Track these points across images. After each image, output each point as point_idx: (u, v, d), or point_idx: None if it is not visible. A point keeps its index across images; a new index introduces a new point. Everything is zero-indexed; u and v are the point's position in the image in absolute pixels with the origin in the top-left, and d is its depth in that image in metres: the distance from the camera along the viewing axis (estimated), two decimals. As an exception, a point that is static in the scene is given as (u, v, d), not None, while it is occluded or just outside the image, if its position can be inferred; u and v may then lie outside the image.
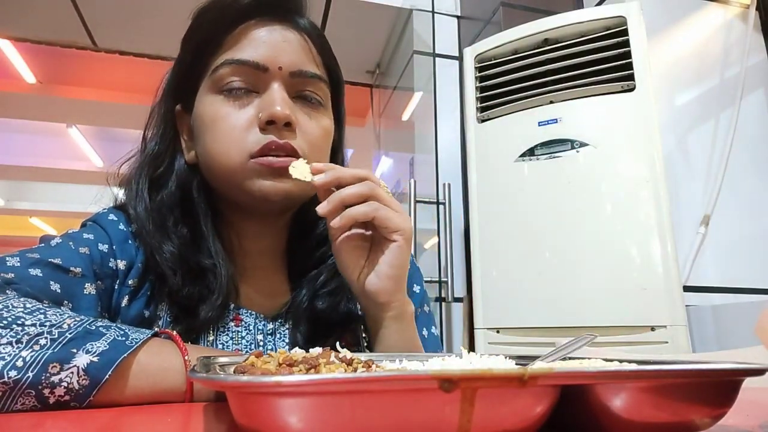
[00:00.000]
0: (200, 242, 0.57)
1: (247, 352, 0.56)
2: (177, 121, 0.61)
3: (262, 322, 0.59)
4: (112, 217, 0.58)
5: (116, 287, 0.53)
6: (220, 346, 0.55)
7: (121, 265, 0.54)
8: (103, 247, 0.54)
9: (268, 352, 0.36)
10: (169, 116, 0.60)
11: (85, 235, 0.54)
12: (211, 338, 0.55)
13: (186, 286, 0.54)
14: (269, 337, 0.59)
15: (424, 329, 0.70)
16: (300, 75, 0.56)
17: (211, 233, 0.57)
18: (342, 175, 0.49)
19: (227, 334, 0.56)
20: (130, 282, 0.54)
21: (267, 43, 0.55)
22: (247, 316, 0.59)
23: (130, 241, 0.56)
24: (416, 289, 0.71)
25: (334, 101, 0.63)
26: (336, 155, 0.65)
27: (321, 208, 0.48)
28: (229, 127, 0.54)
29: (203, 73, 0.57)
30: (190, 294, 0.54)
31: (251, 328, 0.58)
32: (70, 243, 0.52)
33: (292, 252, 0.64)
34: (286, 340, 0.59)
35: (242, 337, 0.57)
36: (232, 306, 0.58)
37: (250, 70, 0.54)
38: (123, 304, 0.53)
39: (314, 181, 0.48)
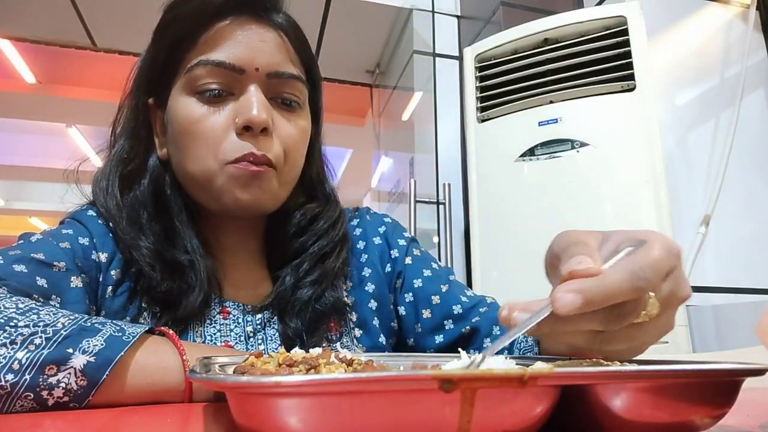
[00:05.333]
0: (175, 238, 0.56)
1: (237, 344, 0.56)
2: (150, 115, 0.60)
3: (250, 315, 0.59)
4: (91, 213, 0.58)
5: (100, 279, 0.53)
6: (208, 338, 0.55)
7: (103, 257, 0.54)
8: (84, 241, 0.54)
9: (269, 352, 0.36)
10: (141, 110, 0.59)
11: (65, 231, 0.54)
12: (199, 330, 0.55)
13: (165, 281, 0.53)
14: (259, 329, 0.58)
15: (424, 269, 0.67)
16: (277, 76, 0.55)
17: (186, 229, 0.56)
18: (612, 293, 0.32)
19: (215, 327, 0.56)
20: (113, 273, 0.54)
21: (243, 43, 0.54)
22: (234, 308, 0.58)
23: (110, 235, 0.56)
24: (401, 243, 0.70)
25: (311, 97, 0.62)
26: (312, 151, 0.64)
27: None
28: (205, 132, 0.53)
29: (177, 70, 0.56)
30: (169, 289, 0.53)
31: (240, 320, 0.58)
32: (51, 239, 0.52)
33: (270, 243, 0.64)
34: (277, 332, 0.59)
35: (231, 330, 0.57)
36: (217, 299, 0.58)
37: (226, 71, 0.53)
38: (108, 296, 0.53)
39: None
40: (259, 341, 0.57)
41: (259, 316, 0.59)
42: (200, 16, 0.54)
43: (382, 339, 0.65)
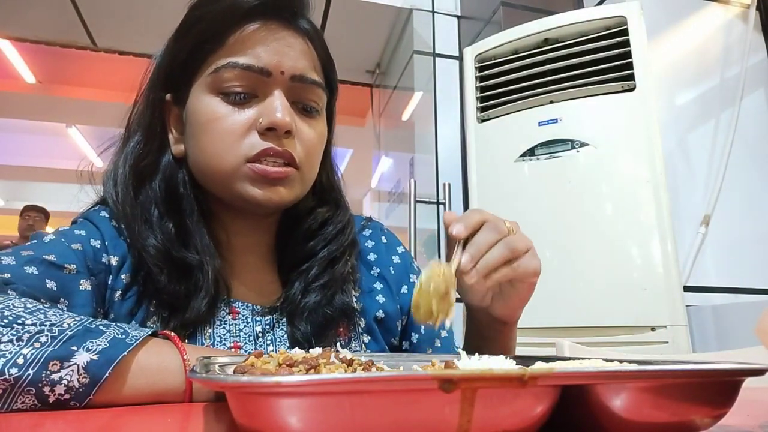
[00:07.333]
0: (186, 238, 0.56)
1: (246, 344, 0.56)
2: (165, 112, 0.60)
3: (259, 315, 0.59)
4: (103, 214, 0.58)
5: (109, 282, 0.54)
6: (217, 339, 0.55)
7: (114, 260, 0.54)
8: (96, 243, 0.54)
9: (269, 352, 0.36)
10: (158, 106, 0.59)
11: (77, 232, 0.54)
12: (208, 331, 0.55)
13: (171, 283, 0.53)
14: (268, 329, 0.58)
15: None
16: (301, 80, 0.56)
17: (198, 228, 0.56)
18: (470, 223, 0.50)
19: (224, 327, 0.56)
20: (122, 277, 0.54)
21: (271, 47, 0.55)
22: (243, 308, 0.58)
23: (121, 237, 0.56)
24: (416, 270, 0.72)
25: (327, 104, 0.63)
26: (324, 156, 0.64)
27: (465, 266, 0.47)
28: (227, 129, 0.53)
29: (200, 69, 0.56)
30: (176, 292, 0.53)
31: (249, 320, 0.58)
32: (63, 239, 0.52)
33: (282, 246, 0.64)
34: (286, 335, 0.59)
35: (240, 330, 0.57)
36: (226, 299, 0.58)
37: (253, 74, 0.54)
38: (116, 299, 0.53)
39: (453, 234, 0.49)
40: (268, 342, 0.57)
41: (268, 317, 0.59)
42: (230, 17, 0.55)
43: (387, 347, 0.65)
